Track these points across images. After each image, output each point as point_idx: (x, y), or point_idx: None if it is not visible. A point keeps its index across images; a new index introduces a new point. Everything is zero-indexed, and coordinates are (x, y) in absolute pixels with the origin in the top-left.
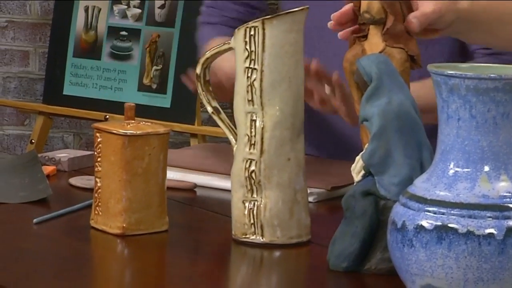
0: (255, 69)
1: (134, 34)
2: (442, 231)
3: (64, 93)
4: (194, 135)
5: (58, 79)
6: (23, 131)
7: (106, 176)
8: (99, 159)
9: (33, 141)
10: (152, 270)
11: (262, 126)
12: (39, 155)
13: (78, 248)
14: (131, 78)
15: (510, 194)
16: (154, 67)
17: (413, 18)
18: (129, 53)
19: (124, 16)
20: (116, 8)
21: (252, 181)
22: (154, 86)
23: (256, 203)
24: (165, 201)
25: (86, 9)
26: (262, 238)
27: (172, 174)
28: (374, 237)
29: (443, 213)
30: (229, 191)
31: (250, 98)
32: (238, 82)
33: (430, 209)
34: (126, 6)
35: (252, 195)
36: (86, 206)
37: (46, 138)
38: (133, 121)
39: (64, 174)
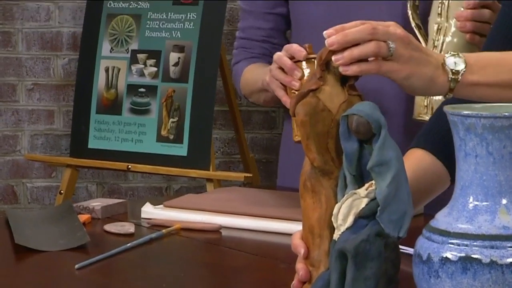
0: None
1: (151, 90)
2: (467, 262)
3: (89, 146)
4: (209, 180)
5: (83, 134)
6: (50, 183)
7: None
8: None
9: (61, 191)
10: None
11: None
12: (74, 205)
13: None
14: (150, 130)
15: None
16: (171, 120)
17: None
18: (147, 107)
19: (141, 74)
20: (134, 67)
21: None
22: (171, 137)
23: None
24: None
25: (107, 70)
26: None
27: (198, 217)
28: None
29: (466, 245)
30: (253, 231)
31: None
32: None
33: (454, 241)
34: (143, 66)
35: None
36: (123, 250)
37: (73, 188)
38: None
39: (98, 221)
